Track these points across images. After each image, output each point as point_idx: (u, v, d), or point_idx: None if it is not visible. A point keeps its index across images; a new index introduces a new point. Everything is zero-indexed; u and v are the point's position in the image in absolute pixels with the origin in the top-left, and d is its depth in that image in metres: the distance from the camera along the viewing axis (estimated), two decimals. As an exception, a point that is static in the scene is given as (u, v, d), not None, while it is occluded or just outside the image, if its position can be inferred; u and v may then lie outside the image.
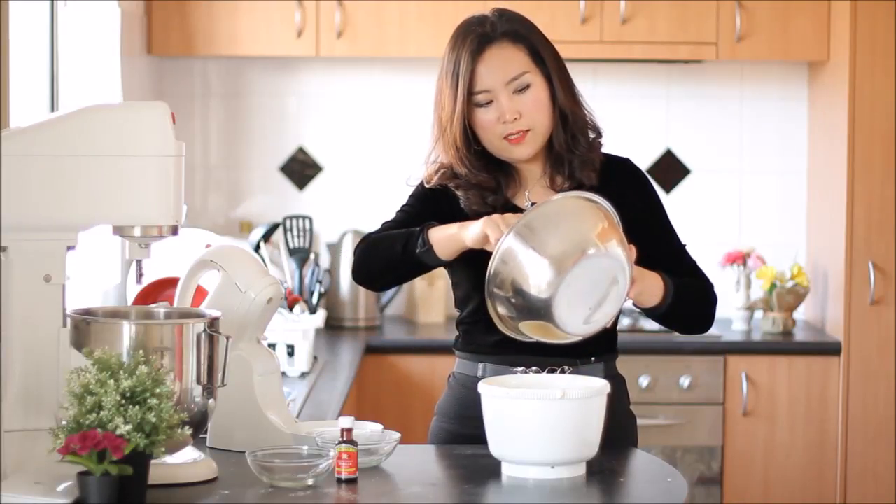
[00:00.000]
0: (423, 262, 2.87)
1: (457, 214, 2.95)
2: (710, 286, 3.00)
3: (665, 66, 5.50)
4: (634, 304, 2.85)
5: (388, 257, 2.90)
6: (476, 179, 2.94)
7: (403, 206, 3.03)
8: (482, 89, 2.89)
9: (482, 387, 2.63)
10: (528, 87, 2.90)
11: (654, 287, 2.85)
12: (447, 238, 2.83)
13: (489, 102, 2.90)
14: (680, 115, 5.55)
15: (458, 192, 2.96)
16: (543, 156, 2.97)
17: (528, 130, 2.90)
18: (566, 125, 2.94)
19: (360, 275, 2.99)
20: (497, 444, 2.62)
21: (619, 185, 2.94)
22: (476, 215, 2.91)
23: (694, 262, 3.02)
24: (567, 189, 2.95)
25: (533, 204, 2.94)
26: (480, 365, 2.97)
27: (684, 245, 3.03)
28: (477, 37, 2.90)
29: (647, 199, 3.02)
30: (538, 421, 2.55)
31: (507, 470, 2.61)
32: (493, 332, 2.86)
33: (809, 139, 5.50)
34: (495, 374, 2.88)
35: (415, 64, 5.45)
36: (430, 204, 2.98)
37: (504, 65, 2.89)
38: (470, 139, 2.92)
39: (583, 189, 2.91)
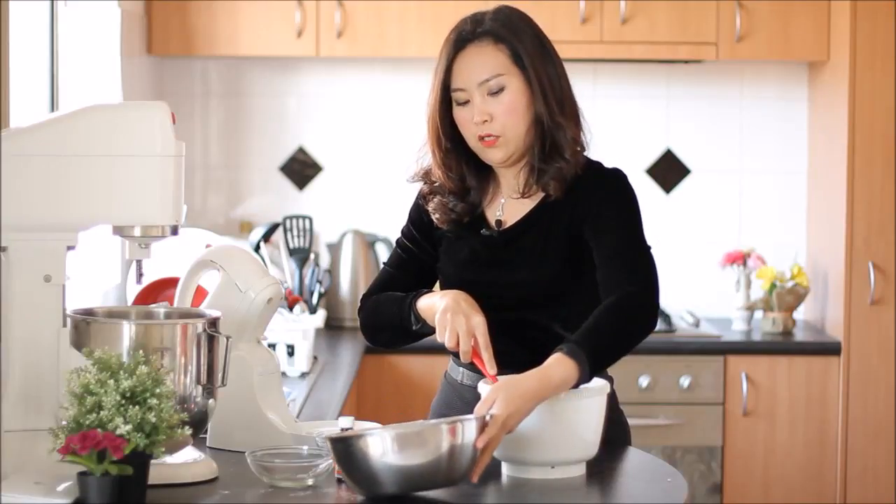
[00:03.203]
0: (425, 335, 2.85)
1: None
2: (634, 293, 2.72)
3: (665, 66, 5.50)
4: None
5: (391, 328, 2.89)
6: (446, 182, 2.86)
7: (403, 230, 2.97)
8: (458, 87, 2.80)
9: (482, 387, 2.63)
10: (502, 89, 2.78)
11: (563, 378, 2.57)
12: (432, 310, 2.76)
13: (467, 101, 2.80)
14: (680, 115, 5.55)
15: (429, 207, 2.89)
16: (522, 165, 2.84)
17: (499, 136, 2.79)
18: (543, 134, 2.79)
19: (372, 341, 2.97)
20: (497, 444, 2.61)
21: (582, 194, 2.79)
22: (446, 224, 2.87)
23: (635, 266, 2.75)
24: (538, 198, 2.83)
25: (498, 222, 2.86)
26: (461, 370, 2.94)
27: (649, 248, 2.78)
28: (459, 34, 2.82)
29: (605, 204, 2.78)
30: (538, 421, 2.55)
31: (507, 470, 2.61)
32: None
33: (809, 139, 5.50)
34: (474, 381, 2.81)
35: (415, 64, 5.45)
36: (427, 226, 2.93)
37: (479, 65, 2.79)
38: (441, 136, 2.83)
39: (548, 199, 2.80)
